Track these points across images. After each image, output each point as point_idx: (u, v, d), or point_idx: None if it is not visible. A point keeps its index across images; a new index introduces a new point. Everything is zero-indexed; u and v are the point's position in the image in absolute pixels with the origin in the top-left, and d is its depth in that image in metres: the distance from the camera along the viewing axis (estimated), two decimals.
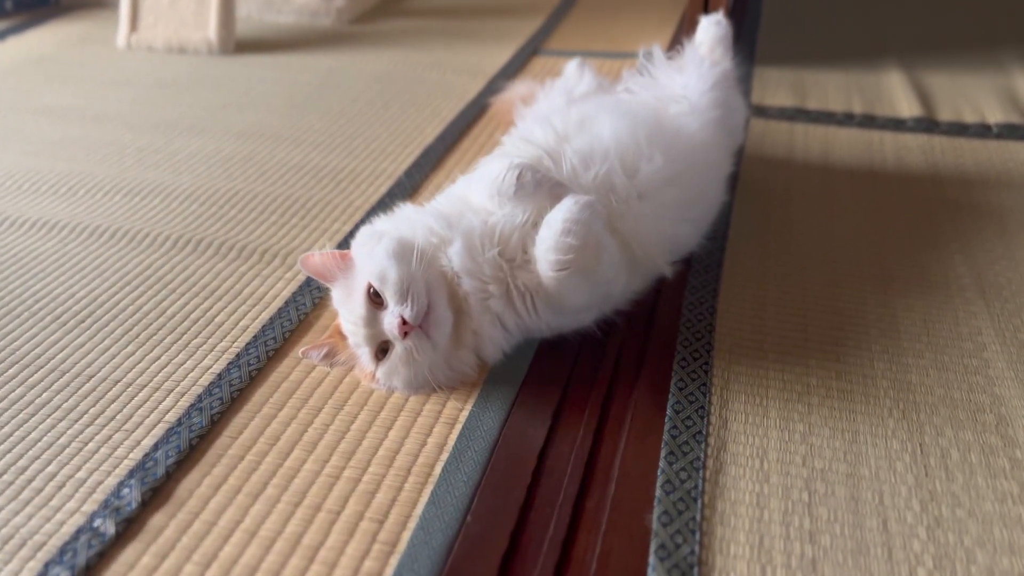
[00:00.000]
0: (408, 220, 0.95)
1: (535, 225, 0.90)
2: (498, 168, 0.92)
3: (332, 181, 1.38)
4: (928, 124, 1.50)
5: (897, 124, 1.51)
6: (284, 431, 0.87)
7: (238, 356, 0.97)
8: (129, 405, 0.90)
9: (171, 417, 0.89)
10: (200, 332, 1.02)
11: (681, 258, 1.07)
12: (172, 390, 0.93)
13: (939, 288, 1.06)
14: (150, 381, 0.94)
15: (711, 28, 1.30)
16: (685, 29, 1.75)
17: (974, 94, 1.63)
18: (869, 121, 1.52)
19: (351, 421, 0.88)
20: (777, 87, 1.69)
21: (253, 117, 1.63)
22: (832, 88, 1.68)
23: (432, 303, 0.87)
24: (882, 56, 1.84)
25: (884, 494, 0.77)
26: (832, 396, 0.89)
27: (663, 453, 0.82)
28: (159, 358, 0.98)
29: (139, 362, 0.97)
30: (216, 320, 1.04)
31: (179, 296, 1.09)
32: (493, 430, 0.85)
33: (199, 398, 0.91)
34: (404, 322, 0.84)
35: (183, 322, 1.04)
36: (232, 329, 1.02)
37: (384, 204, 1.29)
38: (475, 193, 0.95)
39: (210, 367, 0.96)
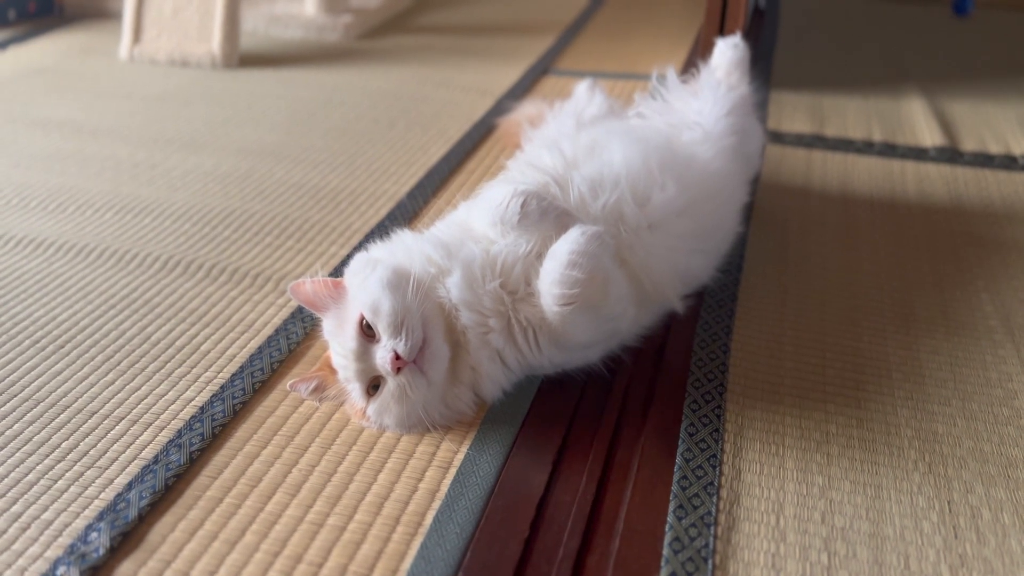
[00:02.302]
0: (405, 248, 0.90)
1: (539, 256, 0.85)
2: (502, 195, 0.87)
3: (331, 202, 1.33)
4: (951, 154, 1.44)
5: (919, 153, 1.45)
6: (267, 471, 0.81)
7: (222, 388, 0.92)
8: (104, 439, 0.85)
9: (148, 453, 0.83)
10: (184, 360, 0.97)
11: (693, 291, 1.01)
12: (151, 423, 0.87)
13: (965, 329, 1.00)
14: (128, 413, 0.89)
15: (728, 51, 1.25)
16: (700, 51, 1.70)
17: (998, 123, 1.58)
18: (890, 150, 1.47)
19: (338, 462, 0.82)
20: (794, 112, 1.64)
21: (254, 133, 1.59)
22: (851, 114, 1.63)
23: (428, 337, 0.82)
24: (902, 81, 1.79)
25: (910, 557, 0.71)
26: (853, 446, 0.83)
27: (672, 506, 0.76)
28: (139, 388, 0.92)
29: (118, 392, 0.92)
30: (202, 348, 0.99)
31: (165, 321, 1.04)
32: (490, 476, 0.80)
33: (179, 433, 0.86)
34: (397, 357, 0.79)
35: (167, 349, 0.99)
36: (218, 358, 0.97)
37: (383, 228, 1.24)
38: (477, 220, 0.90)
39: (192, 399, 0.91)
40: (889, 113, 1.64)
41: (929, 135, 1.52)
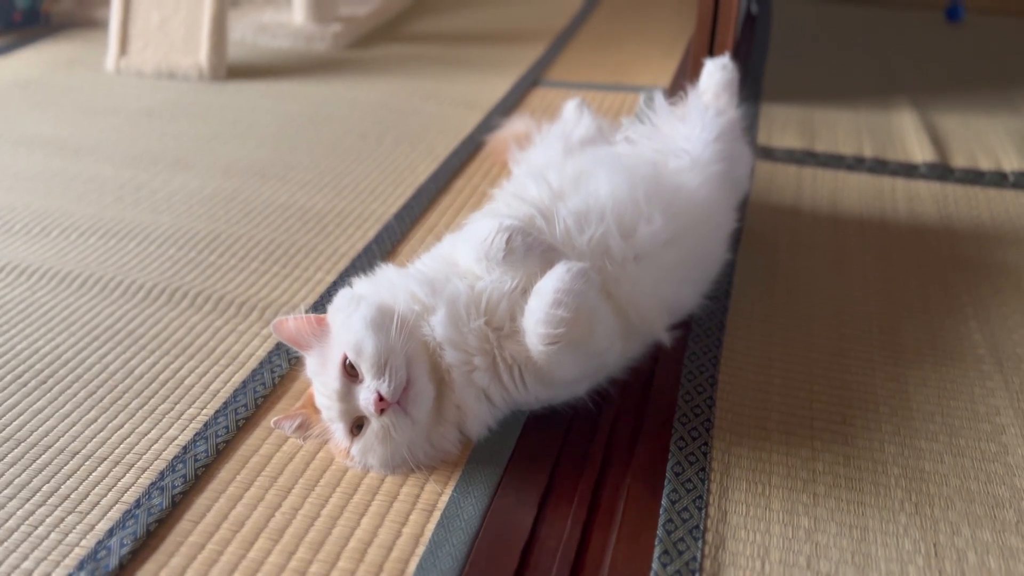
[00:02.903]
0: (389, 284, 0.89)
1: (525, 292, 0.85)
2: (487, 229, 0.86)
3: (318, 224, 1.32)
4: (942, 171, 1.44)
5: (909, 170, 1.45)
6: (250, 515, 0.81)
7: (206, 426, 0.91)
8: (86, 482, 0.84)
9: (130, 497, 0.83)
10: (168, 396, 0.96)
11: (680, 321, 1.01)
12: (133, 464, 0.87)
13: (954, 359, 1.00)
14: (110, 453, 0.88)
15: (716, 72, 1.25)
16: (690, 63, 1.69)
17: (988, 138, 1.57)
18: (880, 166, 1.46)
19: (322, 504, 0.82)
20: (784, 126, 1.63)
21: (240, 151, 1.58)
22: (842, 128, 1.62)
23: (412, 377, 0.81)
24: (893, 92, 1.79)
25: None
26: (839, 485, 0.83)
27: (657, 552, 0.76)
28: (122, 426, 0.92)
29: (100, 431, 0.91)
30: (186, 382, 0.98)
31: (148, 354, 1.03)
32: (474, 520, 0.79)
33: (161, 475, 0.85)
34: (381, 398, 0.79)
35: (151, 384, 0.98)
36: (202, 393, 0.96)
37: (370, 252, 1.23)
38: (462, 255, 0.89)
39: (175, 438, 0.90)
40: (880, 127, 1.63)
41: (920, 150, 1.52)
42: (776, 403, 0.93)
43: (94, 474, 0.85)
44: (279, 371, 0.99)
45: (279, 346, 1.03)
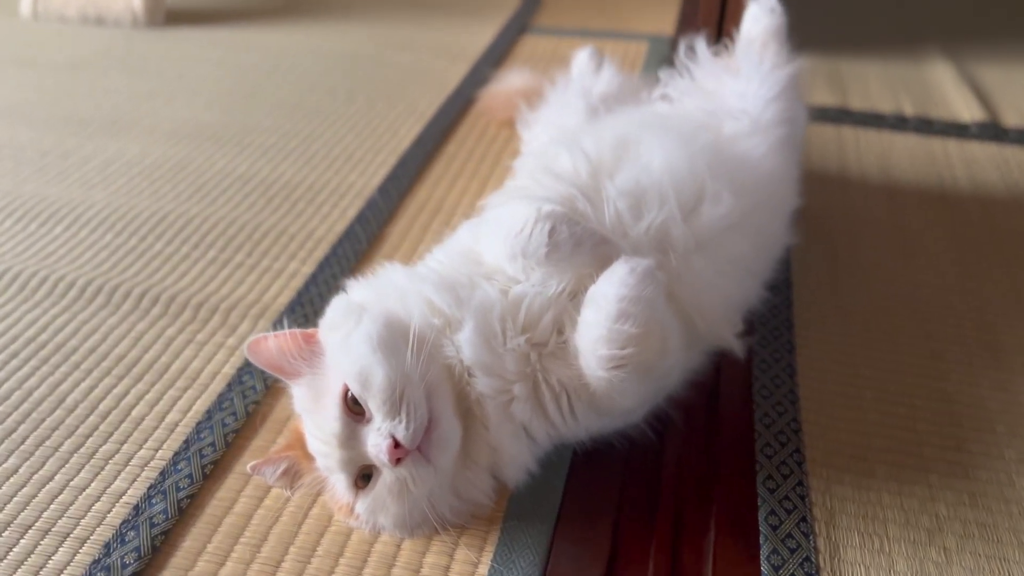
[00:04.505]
0: (397, 289, 0.69)
1: (574, 297, 0.66)
2: (521, 218, 0.66)
3: (286, 201, 1.10)
4: (995, 131, 1.28)
5: (959, 130, 1.28)
6: None
7: (162, 475, 0.71)
8: (4, 563, 0.64)
9: None
10: (111, 434, 0.75)
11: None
12: (67, 534, 0.66)
13: None
14: (35, 520, 0.67)
15: (763, 18, 1.04)
16: (700, 17, 1.49)
17: None
18: (926, 126, 1.29)
19: None
20: (812, 81, 1.45)
21: (187, 112, 1.34)
22: (874, 82, 1.45)
23: (435, 414, 0.62)
24: (922, 43, 1.61)
25: None
26: (972, 535, 0.67)
27: None
28: (51, 479, 0.71)
29: (22, 486, 0.70)
30: (134, 414, 0.77)
31: (84, 375, 0.81)
32: None
33: (106, 549, 0.65)
34: (397, 444, 0.59)
35: (88, 416, 0.77)
36: (155, 428, 0.76)
37: (353, 235, 1.02)
38: (489, 251, 0.69)
39: (123, 493, 0.70)
40: (914, 81, 1.46)
41: (966, 108, 1.35)
42: (873, 423, 0.77)
43: (14, 551, 0.65)
44: (252, 395, 0.79)
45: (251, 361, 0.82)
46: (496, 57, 1.54)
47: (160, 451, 0.73)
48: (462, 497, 0.67)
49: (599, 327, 0.62)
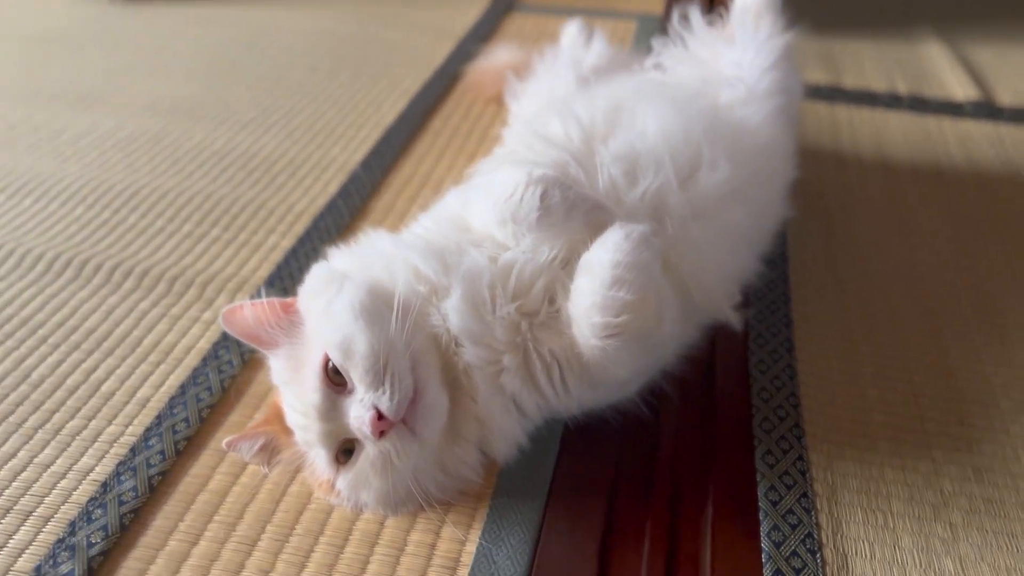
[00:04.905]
0: (382, 256, 0.66)
1: (566, 264, 0.63)
2: (512, 182, 0.63)
3: (266, 174, 1.06)
4: (989, 109, 1.26)
5: (954, 109, 1.26)
6: None
7: (132, 451, 0.67)
8: None
9: (26, 564, 0.59)
10: (78, 409, 0.71)
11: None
12: (30, 512, 0.63)
13: None
14: None
15: None
16: None
17: None
18: (920, 104, 1.27)
19: (301, 562, 0.59)
20: (804, 59, 1.42)
21: (164, 86, 1.29)
22: (868, 61, 1.43)
23: (420, 384, 0.59)
24: (915, 23, 1.59)
25: None
26: (978, 510, 0.64)
27: None
28: (14, 455, 0.67)
29: None
30: (103, 389, 0.73)
31: (51, 349, 0.77)
32: None
33: (71, 528, 0.61)
34: (380, 416, 0.56)
35: (54, 391, 0.73)
36: (126, 404, 0.72)
37: (335, 209, 0.99)
38: (478, 216, 0.66)
39: (90, 470, 0.66)
40: (908, 60, 1.44)
41: (959, 86, 1.33)
42: (873, 398, 0.74)
43: None
44: (229, 369, 0.75)
45: (228, 335, 0.79)
46: (483, 35, 1.51)
47: (130, 427, 0.70)
48: (449, 472, 0.63)
49: (593, 294, 0.59)
